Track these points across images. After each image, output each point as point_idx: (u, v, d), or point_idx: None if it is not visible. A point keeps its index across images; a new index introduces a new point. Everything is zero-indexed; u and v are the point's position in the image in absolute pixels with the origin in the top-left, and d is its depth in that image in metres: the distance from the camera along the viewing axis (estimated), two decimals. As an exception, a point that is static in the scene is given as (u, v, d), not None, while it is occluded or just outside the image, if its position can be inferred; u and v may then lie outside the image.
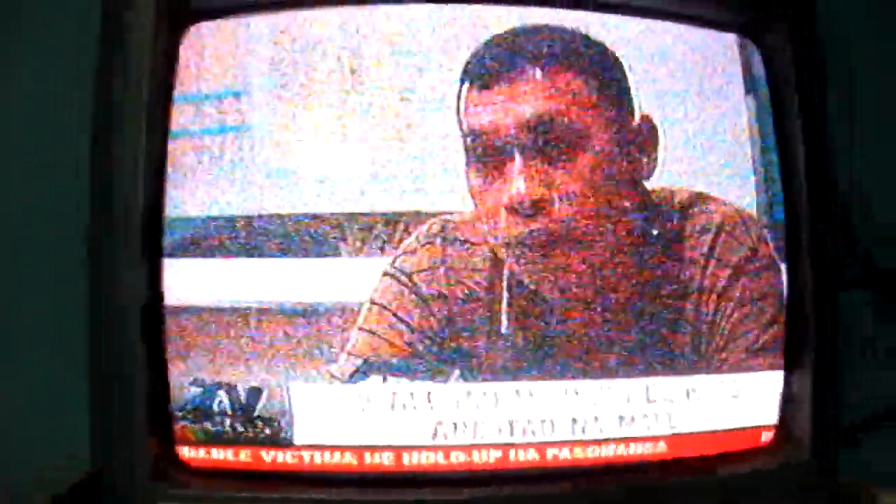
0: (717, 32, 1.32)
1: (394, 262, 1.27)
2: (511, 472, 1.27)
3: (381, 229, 1.26)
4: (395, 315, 1.27)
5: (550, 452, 1.28)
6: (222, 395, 1.25)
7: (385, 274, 1.27)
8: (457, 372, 1.27)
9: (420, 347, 1.26)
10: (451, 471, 1.26)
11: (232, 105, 1.25)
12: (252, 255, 1.25)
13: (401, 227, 1.26)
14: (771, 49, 1.30)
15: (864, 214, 1.49)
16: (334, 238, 1.26)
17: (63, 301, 1.36)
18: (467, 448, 1.27)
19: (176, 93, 1.24)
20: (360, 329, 1.26)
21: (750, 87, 1.32)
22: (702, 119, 1.31)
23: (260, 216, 1.25)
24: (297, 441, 1.26)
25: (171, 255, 1.24)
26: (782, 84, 1.30)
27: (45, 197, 1.47)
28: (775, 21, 1.30)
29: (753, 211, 1.32)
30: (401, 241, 1.27)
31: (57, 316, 1.43)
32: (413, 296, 1.27)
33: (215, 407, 1.25)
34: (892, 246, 1.53)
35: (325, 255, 1.26)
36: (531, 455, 1.28)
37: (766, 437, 1.31)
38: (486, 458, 1.27)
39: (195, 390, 1.25)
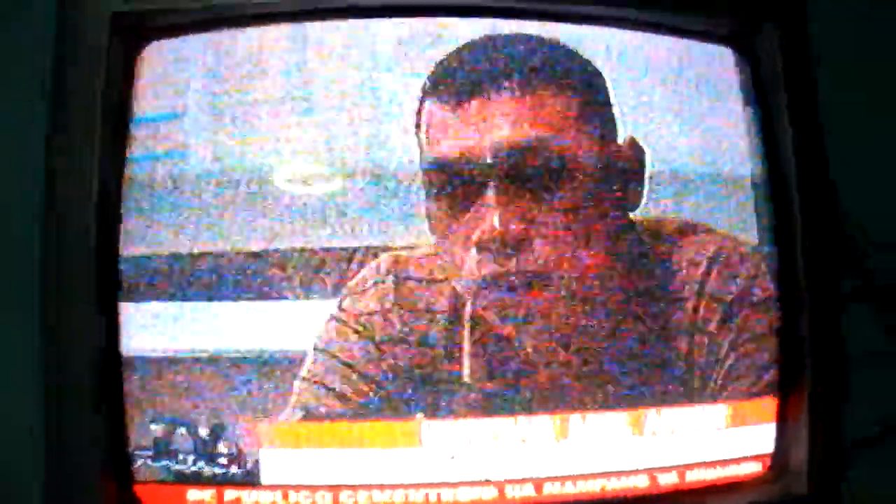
0: (709, 44, 1.21)
1: (340, 303, 1.16)
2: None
3: (329, 267, 1.15)
4: (342, 363, 1.16)
5: (539, 488, 1.18)
6: (183, 431, 1.15)
7: (331, 318, 1.16)
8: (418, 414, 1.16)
9: (371, 396, 1.15)
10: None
11: (168, 129, 1.15)
12: (189, 298, 1.15)
13: (351, 264, 1.16)
14: (759, 58, 1.20)
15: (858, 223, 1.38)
16: (277, 279, 1.15)
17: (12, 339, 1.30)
18: (439, 486, 1.17)
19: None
20: (304, 380, 1.15)
21: (748, 102, 1.22)
22: (692, 139, 1.20)
23: (194, 254, 1.15)
24: (263, 481, 1.16)
25: (126, 298, 1.15)
26: (772, 95, 1.21)
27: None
28: (765, 24, 1.20)
29: (753, 239, 1.22)
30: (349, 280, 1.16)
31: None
32: (362, 341, 1.15)
33: (176, 444, 1.15)
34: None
35: (268, 298, 1.15)
36: (516, 492, 1.17)
37: (761, 467, 1.22)
38: (468, 497, 1.17)
39: (154, 427, 1.16)
